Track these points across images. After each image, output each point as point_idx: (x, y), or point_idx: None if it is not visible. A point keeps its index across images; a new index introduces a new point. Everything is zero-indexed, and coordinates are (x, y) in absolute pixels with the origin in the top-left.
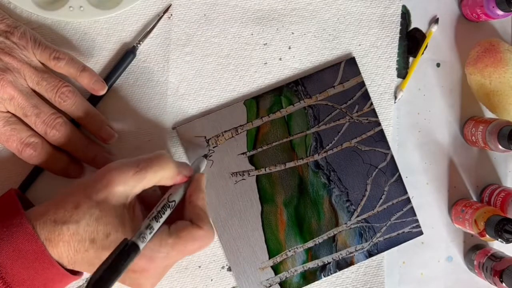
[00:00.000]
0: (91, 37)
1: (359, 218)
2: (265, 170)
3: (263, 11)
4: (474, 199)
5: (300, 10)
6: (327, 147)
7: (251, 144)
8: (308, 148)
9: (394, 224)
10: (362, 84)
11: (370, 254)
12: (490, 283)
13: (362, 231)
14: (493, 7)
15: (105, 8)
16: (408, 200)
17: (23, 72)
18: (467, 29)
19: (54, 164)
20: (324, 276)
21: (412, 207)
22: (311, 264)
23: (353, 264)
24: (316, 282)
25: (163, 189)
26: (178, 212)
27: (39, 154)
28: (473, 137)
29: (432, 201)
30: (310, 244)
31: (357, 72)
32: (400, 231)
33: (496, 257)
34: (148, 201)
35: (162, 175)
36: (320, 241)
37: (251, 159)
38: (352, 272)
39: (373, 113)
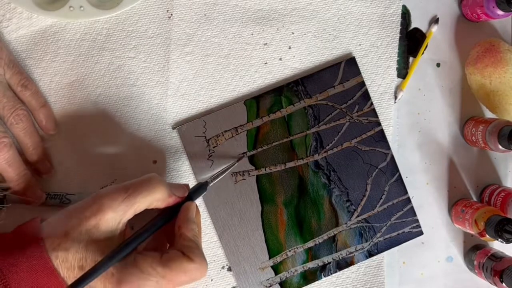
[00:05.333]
0: (91, 37)
1: (359, 218)
2: (265, 170)
3: (263, 11)
4: (474, 199)
5: (301, 10)
6: (327, 147)
7: (251, 144)
8: (308, 148)
9: (394, 224)
10: (362, 84)
11: (370, 254)
12: (490, 283)
13: (362, 231)
14: (493, 7)
15: (105, 8)
16: (408, 200)
17: None
18: (467, 29)
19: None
20: (324, 276)
21: (412, 207)
22: (311, 264)
23: (353, 264)
24: (316, 282)
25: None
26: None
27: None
28: (473, 137)
29: (432, 201)
30: (310, 244)
31: (357, 72)
32: (400, 231)
33: (496, 257)
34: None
35: (152, 199)
36: (320, 241)
37: (251, 159)
38: (352, 272)
39: (373, 113)
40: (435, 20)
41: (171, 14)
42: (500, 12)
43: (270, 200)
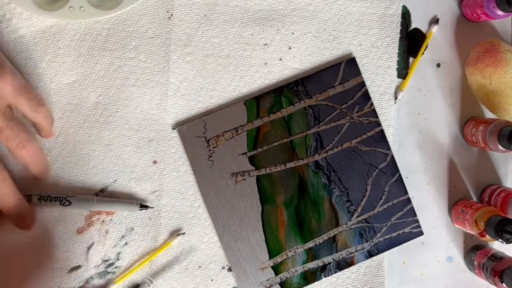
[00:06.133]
0: (91, 37)
1: (359, 219)
2: (266, 171)
3: (263, 12)
4: (474, 199)
5: (301, 10)
6: (327, 147)
7: (252, 144)
8: (308, 148)
9: (394, 224)
10: (362, 84)
11: (370, 254)
12: (490, 283)
13: (362, 231)
14: (493, 7)
15: (105, 9)
16: (408, 200)
17: None
18: (467, 29)
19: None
20: (325, 277)
21: (412, 207)
22: (311, 265)
23: (354, 265)
24: (317, 282)
25: None
26: None
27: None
28: (473, 137)
29: (432, 201)
30: (310, 244)
31: (358, 72)
32: (400, 231)
33: (496, 258)
34: None
35: None
36: (320, 241)
37: (252, 159)
38: (353, 273)
39: (374, 113)
40: (435, 20)
41: (171, 15)
42: (500, 12)
43: (270, 200)
